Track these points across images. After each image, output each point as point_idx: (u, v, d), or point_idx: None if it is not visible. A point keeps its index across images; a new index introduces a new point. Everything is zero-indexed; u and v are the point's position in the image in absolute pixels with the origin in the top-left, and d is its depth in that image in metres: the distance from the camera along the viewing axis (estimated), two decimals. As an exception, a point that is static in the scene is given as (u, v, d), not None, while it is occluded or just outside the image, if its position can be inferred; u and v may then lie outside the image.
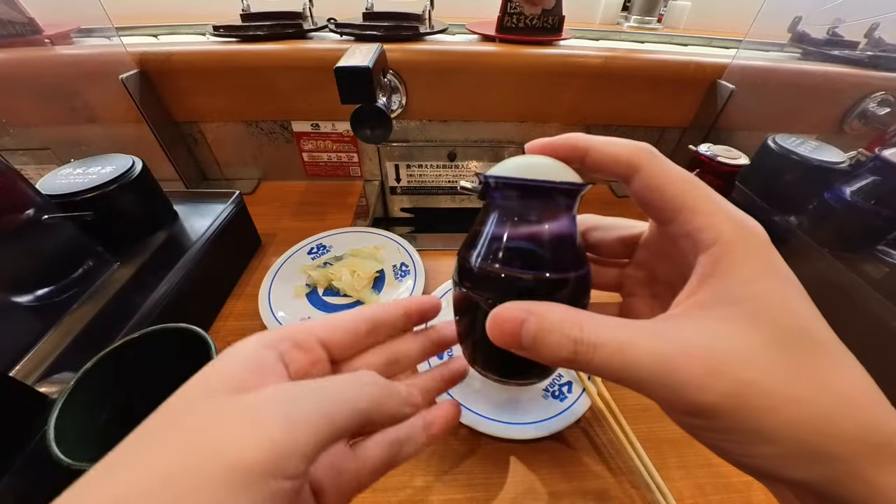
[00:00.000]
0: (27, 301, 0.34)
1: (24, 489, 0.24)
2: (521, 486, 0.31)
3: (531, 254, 0.16)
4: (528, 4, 0.54)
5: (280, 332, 0.17)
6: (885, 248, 0.40)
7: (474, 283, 0.16)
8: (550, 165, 0.15)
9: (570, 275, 0.15)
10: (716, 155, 0.46)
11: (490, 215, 0.16)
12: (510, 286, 0.15)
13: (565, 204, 0.16)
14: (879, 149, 0.42)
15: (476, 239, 0.16)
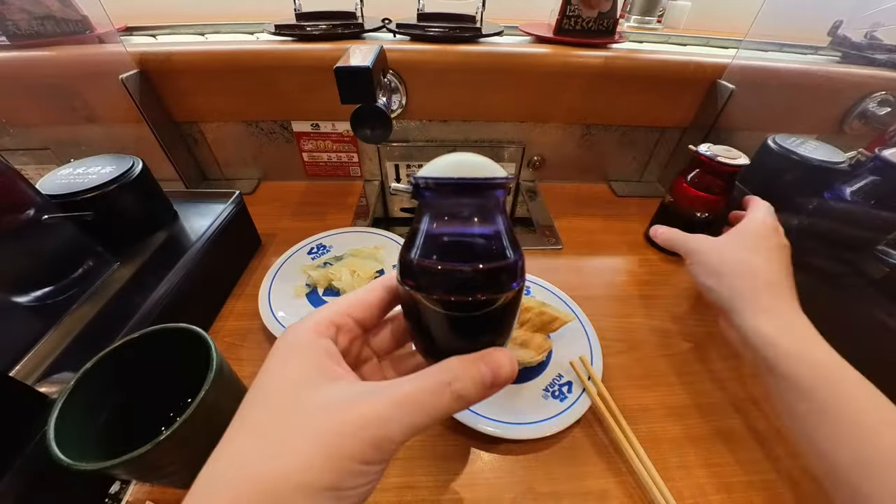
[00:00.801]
0: (27, 301, 0.34)
1: (24, 489, 0.24)
2: (521, 486, 0.31)
3: (464, 246, 0.17)
4: (586, 7, 0.55)
5: (322, 318, 0.18)
6: (885, 248, 0.40)
7: (415, 280, 0.17)
8: (476, 162, 0.16)
9: (502, 263, 0.16)
10: (716, 155, 0.46)
11: (424, 214, 0.17)
12: (448, 279, 0.16)
13: (492, 197, 0.16)
14: (879, 149, 0.42)
15: (413, 237, 0.17)
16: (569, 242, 0.57)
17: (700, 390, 0.38)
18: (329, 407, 0.14)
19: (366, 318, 0.19)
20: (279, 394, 0.15)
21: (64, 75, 0.53)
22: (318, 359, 0.16)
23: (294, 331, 0.17)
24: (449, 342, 0.18)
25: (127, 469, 0.22)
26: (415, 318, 0.18)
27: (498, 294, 0.16)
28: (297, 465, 0.13)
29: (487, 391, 0.17)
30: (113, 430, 0.26)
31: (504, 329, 0.19)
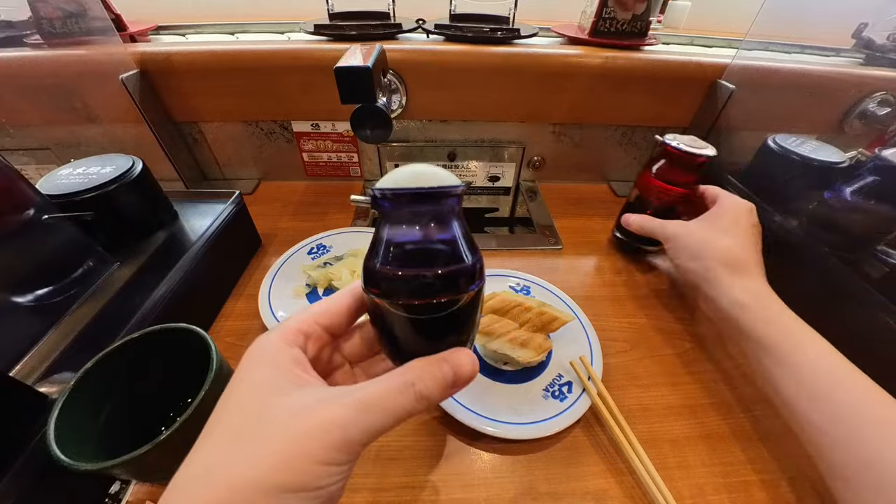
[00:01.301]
0: (27, 301, 0.34)
1: (24, 489, 0.24)
2: (521, 486, 0.31)
3: (423, 252, 0.17)
4: (621, 10, 0.56)
5: (290, 327, 0.19)
6: (885, 248, 0.40)
7: (378, 286, 0.17)
8: (431, 173, 0.17)
9: (459, 266, 0.17)
10: (683, 145, 0.44)
11: (383, 224, 0.18)
12: (408, 284, 0.17)
13: (446, 205, 0.17)
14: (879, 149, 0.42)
15: (375, 246, 0.18)
16: (569, 242, 0.56)
17: (700, 390, 0.38)
18: (295, 412, 0.15)
19: (334, 324, 0.20)
20: (248, 400, 0.16)
21: (64, 75, 0.53)
22: (286, 366, 0.17)
23: (263, 340, 0.18)
24: (413, 345, 0.19)
25: (127, 469, 0.22)
26: (380, 324, 0.19)
27: (457, 296, 0.17)
28: (264, 468, 0.14)
29: (449, 390, 0.17)
30: (113, 430, 0.26)
31: (466, 330, 0.20)
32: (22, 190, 0.33)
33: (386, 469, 0.32)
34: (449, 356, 0.18)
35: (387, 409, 0.16)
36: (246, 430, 0.15)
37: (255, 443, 0.14)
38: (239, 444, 0.15)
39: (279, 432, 0.15)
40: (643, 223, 0.46)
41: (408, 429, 0.34)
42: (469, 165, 0.67)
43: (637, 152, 0.68)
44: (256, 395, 0.16)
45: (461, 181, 0.17)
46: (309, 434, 0.14)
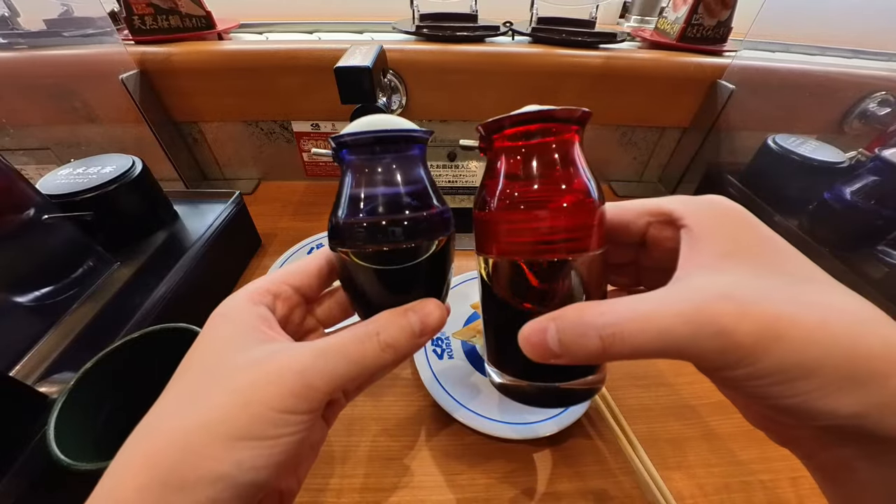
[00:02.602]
0: (27, 301, 0.34)
1: (24, 489, 0.24)
2: (521, 486, 0.31)
3: (387, 201, 0.17)
4: (709, 16, 0.57)
5: (257, 286, 0.18)
6: (885, 248, 0.40)
7: (341, 240, 0.17)
8: (390, 120, 0.17)
9: (424, 213, 0.17)
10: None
11: (345, 175, 0.17)
12: (371, 232, 0.16)
13: (409, 150, 0.17)
14: (879, 149, 0.42)
15: (338, 199, 0.17)
16: (569, 242, 0.56)
17: (700, 390, 0.38)
18: (250, 362, 0.14)
19: (304, 285, 0.19)
20: (207, 356, 0.16)
21: (64, 75, 0.53)
22: (250, 323, 0.16)
23: (228, 300, 0.17)
24: (382, 300, 0.18)
25: (127, 469, 0.22)
26: (349, 282, 0.19)
27: (423, 243, 0.17)
28: (213, 416, 0.13)
29: (417, 339, 0.16)
30: (113, 430, 0.26)
31: (435, 283, 0.19)
32: (22, 190, 0.33)
33: (385, 469, 0.32)
34: (415, 305, 0.17)
35: (348, 354, 0.15)
36: (199, 382, 0.15)
37: (206, 393, 0.14)
38: (189, 395, 0.14)
39: (232, 381, 0.14)
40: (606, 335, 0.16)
41: (407, 429, 0.34)
42: (469, 165, 0.66)
43: (637, 152, 0.68)
44: (216, 351, 0.15)
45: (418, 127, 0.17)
46: (265, 380, 0.14)
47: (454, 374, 0.37)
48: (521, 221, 0.16)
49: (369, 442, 0.33)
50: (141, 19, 0.52)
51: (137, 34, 0.53)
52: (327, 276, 0.20)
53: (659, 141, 0.67)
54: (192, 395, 0.14)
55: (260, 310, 0.17)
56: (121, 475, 0.13)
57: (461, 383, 0.36)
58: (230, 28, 0.59)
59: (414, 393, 0.37)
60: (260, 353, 0.15)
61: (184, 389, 0.15)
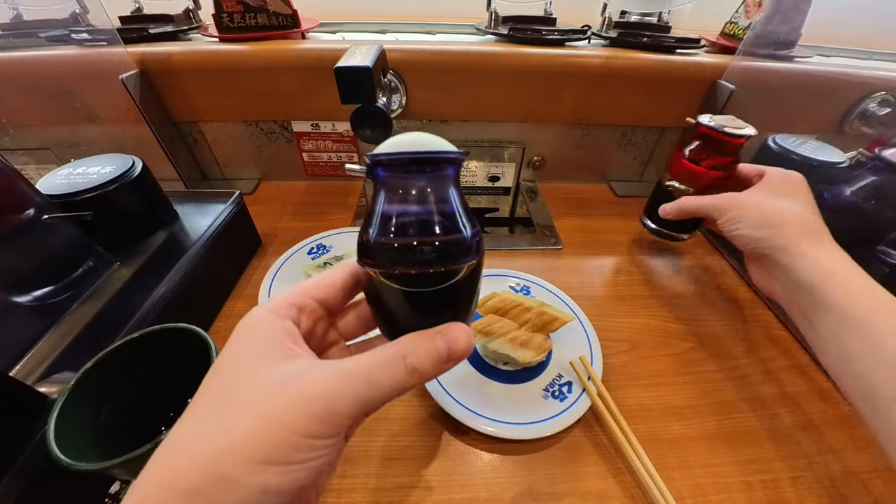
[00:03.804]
0: (27, 301, 0.34)
1: (24, 489, 0.24)
2: (521, 486, 0.31)
3: (419, 222, 0.17)
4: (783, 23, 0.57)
5: (282, 300, 0.18)
6: (885, 248, 0.40)
7: (372, 258, 0.17)
8: (427, 139, 0.17)
9: (456, 237, 0.16)
10: (721, 126, 0.40)
11: (378, 193, 0.17)
12: (402, 254, 0.16)
13: (444, 172, 0.17)
14: (879, 149, 0.42)
15: (370, 217, 0.17)
16: (569, 242, 0.57)
17: (700, 390, 0.38)
18: (276, 382, 0.14)
19: (328, 298, 0.19)
20: (231, 373, 0.15)
21: (64, 75, 0.53)
22: (275, 338, 0.16)
23: (253, 313, 0.17)
24: (408, 321, 0.18)
25: (127, 469, 0.22)
26: (375, 299, 0.19)
27: (454, 268, 0.17)
28: (239, 438, 0.13)
29: (443, 365, 0.16)
30: (113, 430, 0.26)
31: (462, 306, 0.19)
32: (22, 190, 0.33)
33: (386, 469, 0.32)
34: (443, 329, 0.17)
35: (374, 379, 0.15)
36: (224, 401, 0.14)
37: (231, 413, 0.14)
38: (214, 415, 0.14)
39: (257, 402, 0.14)
40: (687, 204, 0.40)
41: (408, 429, 0.34)
42: (469, 165, 0.66)
43: (637, 152, 0.68)
44: (240, 366, 0.15)
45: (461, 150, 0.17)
46: (289, 403, 0.14)
47: (455, 375, 0.37)
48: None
49: (369, 442, 0.33)
50: (230, 17, 0.52)
51: (225, 31, 0.54)
52: (351, 289, 0.20)
53: (659, 141, 0.67)
54: (218, 414, 0.14)
55: (285, 324, 0.17)
56: (146, 495, 0.13)
57: (462, 384, 0.36)
58: (311, 28, 0.59)
59: (414, 393, 0.37)
60: (285, 371, 0.15)
61: (209, 407, 0.15)
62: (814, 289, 0.29)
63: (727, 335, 0.44)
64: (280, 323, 0.17)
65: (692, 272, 0.53)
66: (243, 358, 0.16)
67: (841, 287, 0.28)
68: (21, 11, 0.52)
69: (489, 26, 0.61)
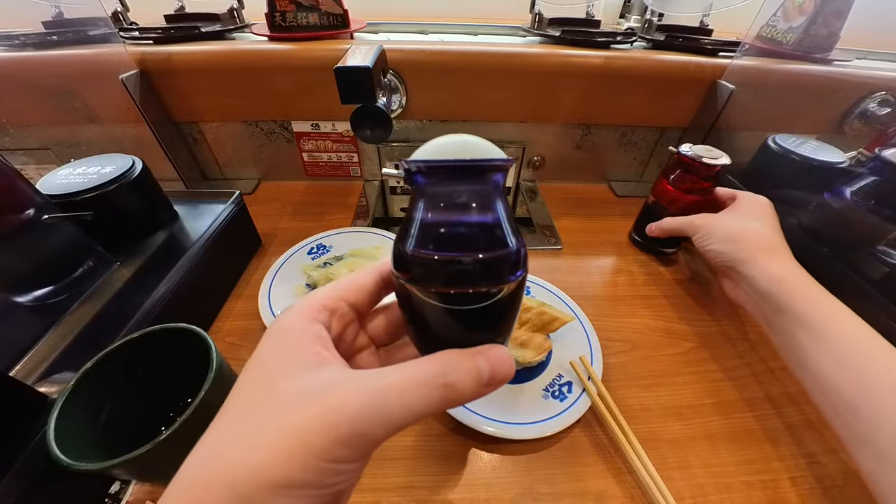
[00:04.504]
0: (27, 301, 0.34)
1: (24, 489, 0.24)
2: (521, 486, 0.31)
3: (461, 235, 0.15)
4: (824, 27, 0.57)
5: (315, 302, 0.17)
6: (885, 248, 0.40)
7: (409, 271, 0.16)
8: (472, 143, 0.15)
9: (501, 252, 0.15)
10: (699, 156, 0.45)
11: (417, 201, 0.16)
12: (443, 270, 0.15)
13: (490, 181, 0.15)
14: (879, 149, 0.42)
15: (407, 227, 0.16)
16: (569, 242, 0.57)
17: (700, 390, 0.38)
18: (303, 396, 0.14)
19: (360, 302, 0.19)
20: (260, 380, 0.15)
21: (64, 75, 0.53)
22: (306, 343, 0.16)
23: (285, 315, 0.17)
24: (445, 337, 0.17)
25: (127, 469, 0.22)
26: (409, 310, 0.17)
27: (497, 286, 0.15)
28: (265, 461, 0.13)
29: (483, 388, 0.15)
30: (113, 430, 0.26)
31: (504, 325, 0.17)
32: (22, 190, 0.33)
33: (386, 469, 0.32)
34: (484, 350, 0.15)
35: (407, 400, 0.14)
36: (250, 415, 0.14)
37: (257, 429, 0.13)
38: (241, 428, 0.14)
39: (283, 418, 0.13)
40: (667, 225, 0.47)
41: (407, 429, 0.34)
42: (469, 165, 0.66)
43: (637, 152, 0.68)
44: (269, 372, 0.15)
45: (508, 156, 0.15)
46: (315, 424, 0.13)
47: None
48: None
49: (369, 442, 0.33)
50: (282, 15, 0.52)
51: (277, 31, 0.54)
52: (380, 291, 0.20)
53: (659, 141, 0.67)
54: (245, 426, 0.14)
55: (316, 328, 0.16)
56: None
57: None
58: (360, 28, 0.59)
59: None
60: (313, 382, 0.14)
61: (238, 418, 0.14)
62: (771, 296, 0.34)
63: (727, 335, 0.44)
64: (311, 327, 0.16)
65: (692, 272, 0.53)
66: (272, 362, 0.15)
67: (792, 292, 0.33)
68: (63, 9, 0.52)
69: (532, 27, 0.62)
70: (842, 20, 0.55)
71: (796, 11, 0.56)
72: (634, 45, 0.62)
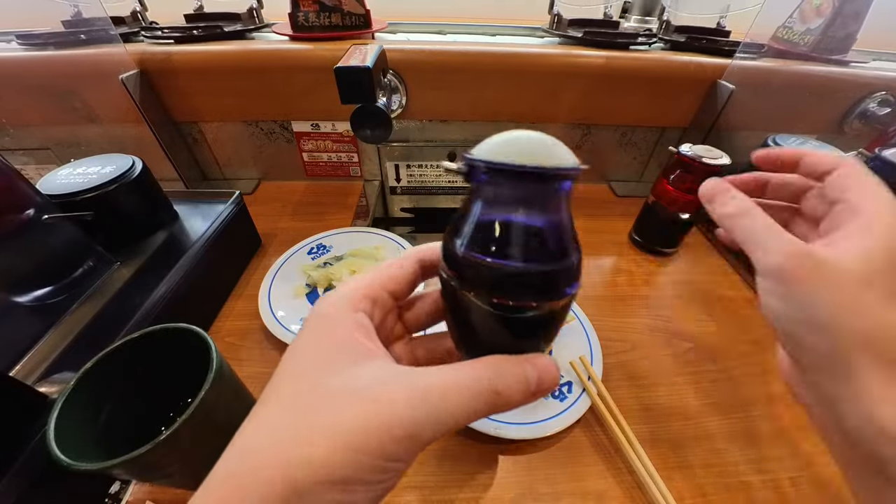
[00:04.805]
0: (27, 301, 0.34)
1: (24, 489, 0.24)
2: (522, 486, 0.31)
3: (522, 243, 0.15)
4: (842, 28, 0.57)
5: (358, 291, 0.17)
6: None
7: (460, 272, 0.15)
8: (540, 142, 0.14)
9: (561, 265, 0.15)
10: (699, 156, 0.45)
11: (476, 199, 0.15)
12: (498, 279, 0.14)
13: (557, 188, 0.15)
14: (879, 149, 0.42)
15: (461, 223, 0.15)
16: (569, 242, 0.56)
17: (700, 390, 0.38)
18: (358, 394, 0.14)
19: (399, 290, 0.19)
20: (305, 372, 0.15)
21: (64, 75, 0.53)
22: (352, 334, 0.16)
23: (328, 302, 0.17)
24: (489, 342, 0.16)
25: (127, 469, 0.22)
26: (455, 309, 0.17)
27: (553, 300, 0.15)
28: (321, 458, 0.13)
29: (530, 396, 0.15)
30: (113, 430, 0.26)
31: (551, 335, 0.17)
32: (22, 190, 0.33)
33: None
34: (533, 359, 0.15)
35: (455, 407, 0.14)
36: (301, 408, 0.14)
37: (313, 424, 0.13)
38: (293, 422, 0.14)
39: (337, 415, 0.13)
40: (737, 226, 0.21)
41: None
42: (469, 165, 0.66)
43: (637, 152, 0.68)
44: (314, 366, 0.15)
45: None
46: (368, 426, 0.13)
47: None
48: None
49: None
50: (305, 16, 0.53)
51: (299, 30, 0.54)
52: (418, 279, 0.19)
53: (659, 141, 0.67)
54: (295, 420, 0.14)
55: (359, 317, 0.16)
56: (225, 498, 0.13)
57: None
58: (381, 28, 0.59)
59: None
60: (361, 378, 0.14)
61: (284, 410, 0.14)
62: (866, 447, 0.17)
63: (727, 335, 0.44)
64: (354, 317, 0.16)
65: (692, 272, 0.53)
66: (317, 354, 0.15)
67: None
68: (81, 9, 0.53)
69: (551, 28, 0.62)
70: (859, 22, 0.55)
71: (814, 13, 0.56)
72: (652, 47, 0.62)
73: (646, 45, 0.60)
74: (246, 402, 0.32)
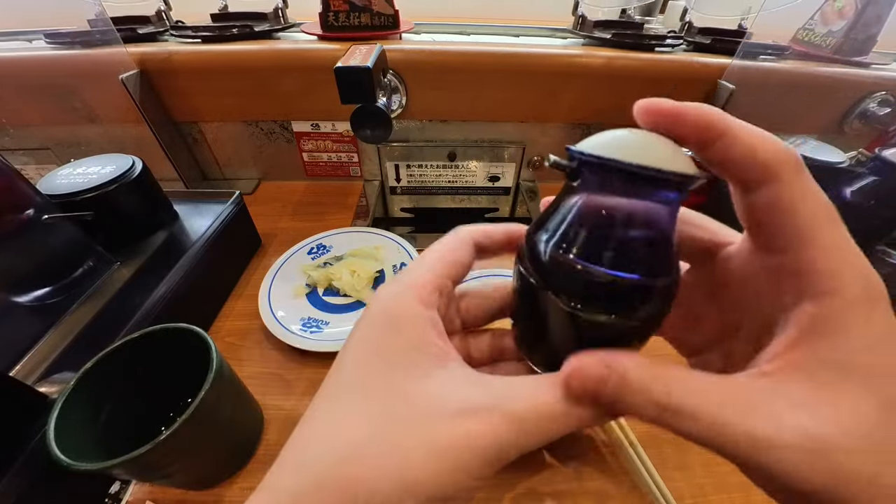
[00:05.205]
0: (27, 301, 0.34)
1: (24, 489, 0.24)
2: (522, 486, 0.31)
3: (618, 251, 0.13)
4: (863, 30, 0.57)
5: (427, 283, 0.16)
6: (885, 248, 0.40)
7: (541, 272, 0.14)
8: (660, 146, 0.13)
9: (664, 280, 0.14)
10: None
11: (577, 199, 0.14)
12: (584, 283, 0.13)
13: (671, 198, 0.13)
14: (879, 149, 0.42)
15: (550, 218, 0.14)
16: (569, 242, 0.56)
17: (700, 390, 0.38)
18: (443, 409, 0.13)
19: (458, 277, 0.17)
20: (379, 375, 0.14)
21: (64, 75, 0.53)
22: (424, 335, 0.15)
23: (395, 297, 0.15)
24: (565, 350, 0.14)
25: (127, 469, 0.22)
26: (527, 309, 0.16)
27: (651, 316, 0.14)
28: (412, 471, 0.12)
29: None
30: (113, 430, 0.26)
31: (636, 350, 0.16)
32: (22, 190, 0.33)
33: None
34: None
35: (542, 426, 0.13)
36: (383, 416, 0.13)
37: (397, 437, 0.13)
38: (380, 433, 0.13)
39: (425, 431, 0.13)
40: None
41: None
42: (469, 165, 0.66)
43: (637, 152, 0.68)
44: (390, 370, 0.14)
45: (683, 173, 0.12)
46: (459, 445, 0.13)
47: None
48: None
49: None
50: (335, 15, 0.53)
51: (329, 30, 0.54)
52: (472, 264, 0.18)
53: (659, 141, 0.67)
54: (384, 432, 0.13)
55: (431, 314, 0.15)
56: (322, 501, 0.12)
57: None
58: (409, 29, 0.59)
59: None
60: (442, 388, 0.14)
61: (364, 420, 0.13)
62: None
63: (727, 335, 0.44)
64: (426, 314, 0.15)
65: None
66: (391, 356, 0.14)
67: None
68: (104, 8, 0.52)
69: (575, 29, 0.63)
70: (881, 24, 0.55)
71: (836, 16, 0.56)
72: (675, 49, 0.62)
73: (670, 48, 0.60)
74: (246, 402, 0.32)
